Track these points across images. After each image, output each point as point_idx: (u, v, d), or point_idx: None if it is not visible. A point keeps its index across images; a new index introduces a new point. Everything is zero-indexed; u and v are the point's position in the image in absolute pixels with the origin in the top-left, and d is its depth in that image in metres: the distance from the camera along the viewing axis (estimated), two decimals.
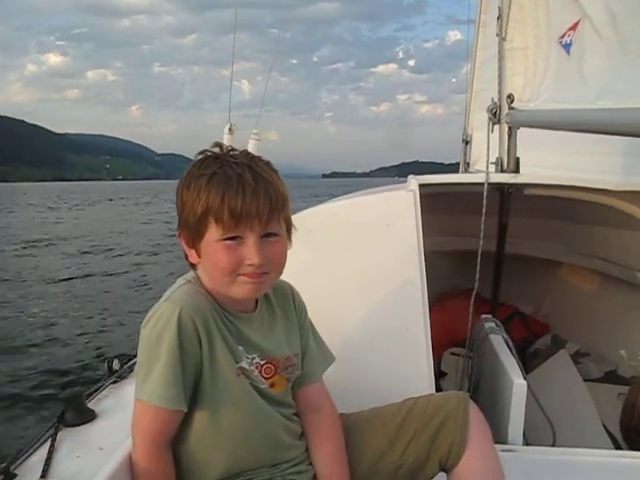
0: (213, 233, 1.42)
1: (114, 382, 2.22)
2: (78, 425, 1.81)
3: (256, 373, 1.54)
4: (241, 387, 1.52)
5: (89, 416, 1.87)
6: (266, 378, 1.57)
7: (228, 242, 1.41)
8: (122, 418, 1.43)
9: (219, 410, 1.50)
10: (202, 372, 1.45)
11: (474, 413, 1.67)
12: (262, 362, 1.56)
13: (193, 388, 1.45)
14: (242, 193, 1.39)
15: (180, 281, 1.55)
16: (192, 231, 1.45)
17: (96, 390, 2.14)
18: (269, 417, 1.59)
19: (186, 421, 1.49)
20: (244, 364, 1.53)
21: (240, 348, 1.54)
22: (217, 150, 1.49)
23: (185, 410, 1.43)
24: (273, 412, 1.59)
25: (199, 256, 1.48)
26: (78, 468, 1.49)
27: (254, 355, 1.56)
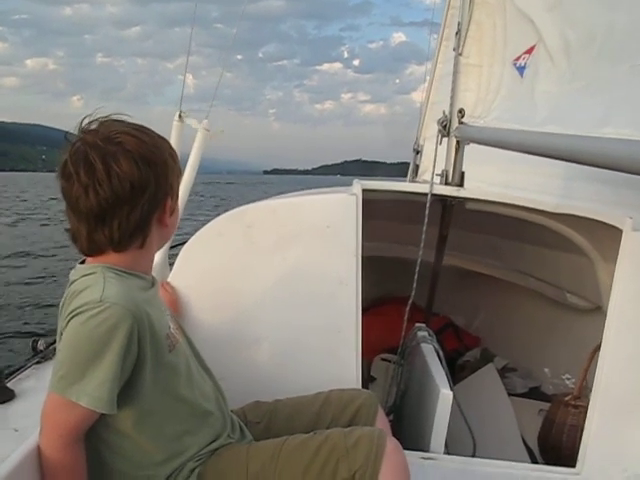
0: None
1: (37, 362, 2.17)
2: None
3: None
4: (179, 354, 1.58)
5: (7, 396, 1.82)
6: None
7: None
8: (42, 400, 1.39)
9: (173, 383, 1.54)
10: (143, 363, 1.44)
11: (380, 410, 1.91)
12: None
13: (131, 382, 1.44)
14: None
15: (93, 269, 1.47)
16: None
17: (18, 369, 2.09)
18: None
19: (146, 410, 1.50)
20: (170, 330, 1.59)
21: (168, 315, 1.64)
22: None
23: (114, 413, 1.41)
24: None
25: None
26: None
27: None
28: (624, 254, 2.14)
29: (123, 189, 1.40)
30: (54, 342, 2.18)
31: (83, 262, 1.52)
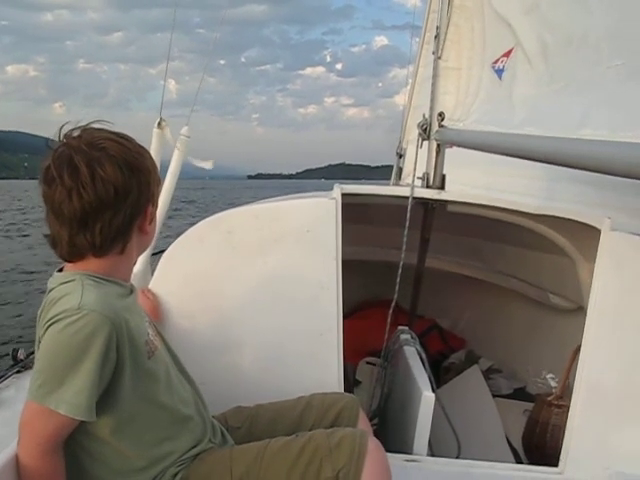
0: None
1: (18, 372, 2.15)
2: None
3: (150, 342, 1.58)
4: (158, 361, 1.57)
5: None
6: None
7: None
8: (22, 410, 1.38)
9: (152, 390, 1.54)
10: (121, 370, 1.43)
11: (362, 413, 1.91)
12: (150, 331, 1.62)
13: (110, 389, 1.43)
14: None
15: (71, 276, 1.47)
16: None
17: None
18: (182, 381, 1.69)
19: (124, 418, 1.48)
20: (149, 337, 1.57)
21: (146, 322, 1.62)
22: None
23: (94, 420, 1.40)
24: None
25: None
26: None
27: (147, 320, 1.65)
28: (602, 253, 2.16)
29: (107, 193, 1.40)
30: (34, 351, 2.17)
31: (61, 270, 1.52)
